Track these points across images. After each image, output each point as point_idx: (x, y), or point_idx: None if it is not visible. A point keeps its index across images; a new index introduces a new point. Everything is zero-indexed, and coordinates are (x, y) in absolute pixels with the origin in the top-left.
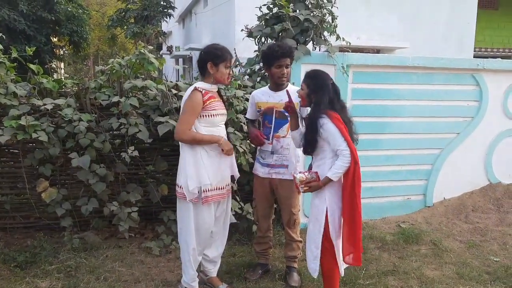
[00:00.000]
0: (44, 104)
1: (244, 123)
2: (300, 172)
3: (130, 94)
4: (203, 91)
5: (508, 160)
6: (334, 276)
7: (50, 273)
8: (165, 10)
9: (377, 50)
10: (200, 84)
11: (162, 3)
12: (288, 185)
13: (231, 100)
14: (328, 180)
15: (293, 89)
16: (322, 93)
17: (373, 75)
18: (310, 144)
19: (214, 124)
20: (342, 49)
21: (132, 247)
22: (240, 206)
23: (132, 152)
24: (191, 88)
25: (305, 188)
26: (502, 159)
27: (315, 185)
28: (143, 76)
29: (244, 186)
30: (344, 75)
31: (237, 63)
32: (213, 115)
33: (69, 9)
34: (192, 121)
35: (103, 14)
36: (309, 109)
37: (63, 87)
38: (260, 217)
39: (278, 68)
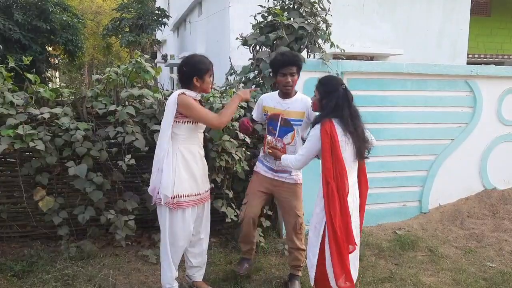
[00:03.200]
0: (41, 113)
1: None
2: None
3: (127, 102)
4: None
5: (503, 165)
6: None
7: (48, 282)
8: (160, 19)
9: (370, 57)
10: (184, 91)
11: (156, 12)
12: (290, 187)
13: None
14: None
15: (304, 99)
16: (330, 98)
17: (368, 82)
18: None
19: (193, 130)
20: (336, 56)
21: (129, 255)
22: (236, 214)
23: (129, 161)
24: (177, 93)
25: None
26: (497, 165)
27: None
28: (139, 85)
29: (240, 194)
30: None
31: (232, 71)
32: (195, 122)
33: (64, 18)
34: (206, 110)
35: (98, 23)
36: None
37: (60, 96)
38: (245, 217)
39: (282, 76)
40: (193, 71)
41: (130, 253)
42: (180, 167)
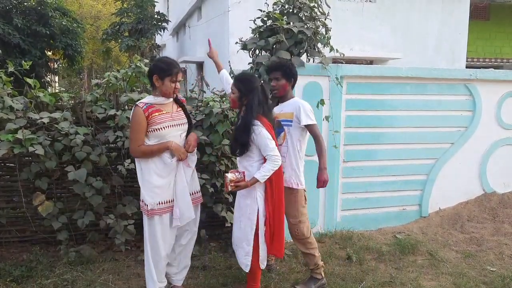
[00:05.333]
0: (41, 118)
1: None
2: (231, 172)
3: (126, 107)
4: (145, 106)
5: (502, 169)
6: (258, 270)
7: (47, 287)
8: (159, 23)
9: (370, 61)
10: (144, 99)
11: (156, 16)
12: (286, 192)
13: (226, 112)
14: (255, 181)
15: (295, 102)
16: (252, 96)
17: (367, 86)
18: (243, 146)
19: (162, 137)
20: (335, 61)
21: (129, 260)
22: None
23: (128, 165)
24: (135, 104)
25: (233, 187)
26: (497, 169)
27: (243, 184)
28: (139, 89)
29: None
30: (338, 86)
31: (231, 75)
32: (159, 128)
33: (63, 23)
34: (140, 137)
35: (98, 27)
36: None
37: (59, 100)
38: None
39: (269, 81)
40: (154, 69)
41: (130, 258)
42: (152, 174)
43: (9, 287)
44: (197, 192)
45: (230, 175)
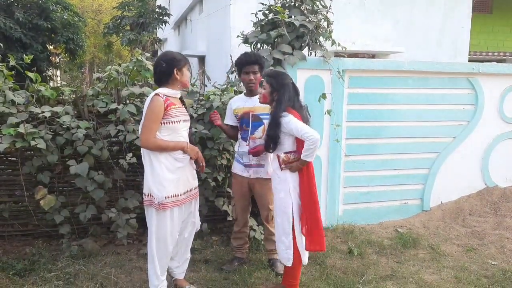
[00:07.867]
0: (42, 112)
1: None
2: (284, 153)
3: (128, 101)
4: (164, 97)
5: (504, 163)
6: (299, 266)
7: (49, 280)
8: (161, 17)
9: (372, 55)
10: (161, 90)
11: (157, 10)
12: (264, 183)
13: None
14: (304, 162)
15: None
16: (283, 91)
17: (369, 79)
18: (273, 140)
19: (175, 130)
20: (337, 54)
21: (131, 254)
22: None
23: (130, 159)
24: (152, 94)
25: (289, 168)
26: (499, 163)
27: (295, 165)
28: (140, 83)
29: None
30: (340, 80)
31: (233, 69)
32: (174, 121)
33: (65, 17)
34: (155, 128)
35: (99, 21)
36: None
37: (61, 94)
38: (238, 214)
39: (245, 74)
40: (172, 63)
41: (132, 251)
42: (163, 168)
43: (12, 280)
44: (195, 188)
45: (283, 155)
